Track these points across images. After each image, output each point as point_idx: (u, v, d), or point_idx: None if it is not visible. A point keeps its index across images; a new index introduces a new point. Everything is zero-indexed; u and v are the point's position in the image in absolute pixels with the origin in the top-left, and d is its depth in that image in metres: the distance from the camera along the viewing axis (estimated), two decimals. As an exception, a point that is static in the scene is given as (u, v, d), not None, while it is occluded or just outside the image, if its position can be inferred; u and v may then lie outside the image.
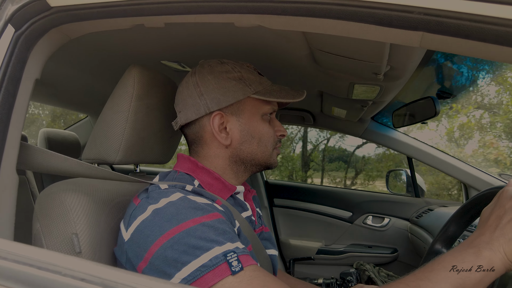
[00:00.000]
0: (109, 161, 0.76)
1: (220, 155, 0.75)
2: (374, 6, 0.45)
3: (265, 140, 0.76)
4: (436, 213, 1.71)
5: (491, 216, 0.55)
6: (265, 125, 0.76)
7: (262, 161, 0.77)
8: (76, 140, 2.02)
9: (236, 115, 0.74)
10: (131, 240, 0.60)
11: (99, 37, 0.97)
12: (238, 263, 0.52)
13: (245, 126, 0.74)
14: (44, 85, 1.57)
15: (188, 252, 0.53)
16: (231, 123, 0.74)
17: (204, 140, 0.76)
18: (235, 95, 0.72)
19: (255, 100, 0.75)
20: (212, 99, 0.72)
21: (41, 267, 0.39)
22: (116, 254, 0.64)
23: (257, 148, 0.75)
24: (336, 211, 2.19)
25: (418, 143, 1.77)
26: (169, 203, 0.59)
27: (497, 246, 0.50)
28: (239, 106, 0.74)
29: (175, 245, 0.54)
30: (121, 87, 0.78)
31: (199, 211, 0.58)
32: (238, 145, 0.74)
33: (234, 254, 0.53)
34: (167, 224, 0.56)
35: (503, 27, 0.41)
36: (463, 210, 0.88)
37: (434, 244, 0.94)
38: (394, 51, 0.82)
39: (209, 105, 0.72)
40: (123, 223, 0.64)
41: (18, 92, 0.58)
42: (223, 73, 0.73)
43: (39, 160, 0.61)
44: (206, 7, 0.53)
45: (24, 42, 0.58)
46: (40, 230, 0.64)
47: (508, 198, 0.54)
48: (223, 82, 0.73)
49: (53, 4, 0.57)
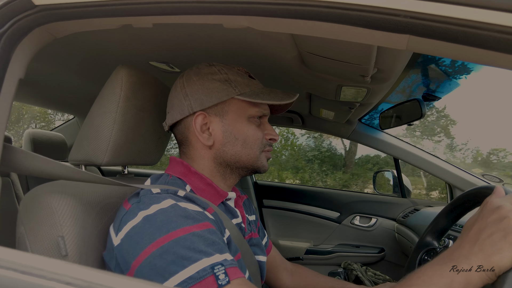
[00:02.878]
0: (96, 162, 0.75)
1: (205, 156, 0.75)
2: (362, 9, 0.46)
3: (250, 142, 0.75)
4: (422, 213, 1.73)
5: (472, 228, 0.54)
6: (251, 127, 0.76)
7: (248, 163, 0.76)
8: (63, 141, 1.98)
9: (220, 116, 0.74)
10: (120, 246, 0.59)
11: (86, 36, 0.96)
12: (225, 276, 0.52)
13: (228, 127, 0.74)
14: (29, 85, 1.54)
15: (176, 262, 0.52)
16: (214, 123, 0.74)
17: (189, 141, 0.76)
18: (219, 96, 0.73)
19: (240, 102, 0.74)
20: (196, 100, 0.73)
21: (25, 271, 0.38)
22: (105, 259, 0.63)
23: (241, 150, 0.75)
24: (324, 211, 2.20)
25: (405, 144, 1.80)
26: (160, 210, 0.59)
27: (475, 261, 0.49)
28: (223, 107, 0.74)
29: (164, 254, 0.53)
30: (108, 87, 0.77)
31: (190, 220, 0.58)
32: (221, 146, 0.74)
33: (222, 266, 0.53)
34: (157, 232, 0.55)
35: (487, 32, 0.42)
36: (451, 207, 0.91)
37: (424, 237, 0.96)
38: (381, 54, 0.83)
39: (193, 105, 0.73)
40: (112, 227, 0.63)
41: (1, 92, 0.56)
42: (209, 74, 0.74)
43: (23, 163, 0.60)
44: (195, 8, 0.53)
45: (6, 41, 0.57)
46: (24, 233, 0.62)
47: (491, 210, 0.54)
48: (207, 83, 0.73)
49: (38, 3, 0.56)
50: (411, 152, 1.77)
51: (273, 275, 0.99)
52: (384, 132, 1.83)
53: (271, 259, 0.98)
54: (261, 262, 0.83)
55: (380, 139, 1.83)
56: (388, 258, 2.00)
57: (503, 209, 0.52)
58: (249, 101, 0.74)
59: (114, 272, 0.60)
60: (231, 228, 0.70)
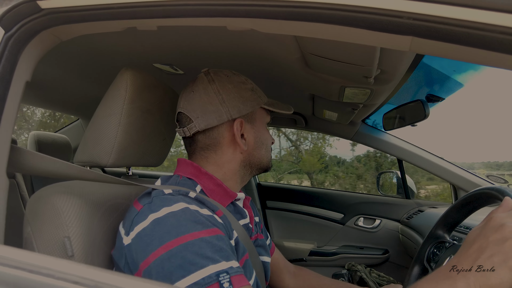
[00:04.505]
0: (101, 164, 0.75)
1: (233, 160, 0.79)
2: (365, 11, 0.46)
3: (269, 146, 0.84)
4: (426, 214, 1.73)
5: (474, 243, 0.53)
6: (268, 133, 0.84)
7: (265, 165, 0.84)
8: (67, 143, 1.99)
9: (251, 123, 0.80)
10: (130, 245, 0.60)
11: (91, 39, 0.97)
12: (229, 285, 0.53)
13: (257, 133, 0.81)
14: (35, 88, 1.56)
15: (183, 267, 0.53)
16: (247, 130, 0.79)
17: (220, 146, 0.77)
18: (252, 105, 0.78)
19: (262, 110, 0.82)
20: (234, 107, 0.76)
21: (33, 271, 0.39)
22: (114, 257, 0.64)
23: (264, 154, 0.82)
24: (328, 212, 2.20)
25: (408, 145, 1.80)
26: (170, 213, 0.60)
27: (473, 281, 0.48)
28: (252, 115, 0.80)
29: (172, 257, 0.54)
30: (113, 90, 0.78)
31: (199, 225, 0.59)
32: (252, 151, 0.80)
33: (227, 275, 0.54)
34: (166, 235, 0.57)
35: (490, 33, 0.42)
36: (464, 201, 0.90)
37: (435, 229, 0.96)
38: (384, 55, 0.84)
39: (231, 112, 0.75)
40: (123, 226, 0.64)
41: (8, 95, 0.57)
42: (241, 83, 0.79)
43: (30, 163, 0.60)
44: (199, 11, 0.53)
45: (14, 44, 0.58)
46: (31, 233, 0.63)
47: (494, 229, 0.52)
48: (242, 92, 0.77)
49: (44, 6, 0.57)
50: (415, 153, 1.77)
51: (276, 277, 1.00)
52: (388, 133, 1.83)
53: (274, 261, 0.99)
54: (266, 263, 0.84)
55: (384, 140, 1.82)
56: (392, 260, 1.99)
57: (506, 229, 0.51)
58: (267, 109, 0.83)
59: (123, 270, 0.61)
60: (239, 229, 0.72)
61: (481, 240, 0.52)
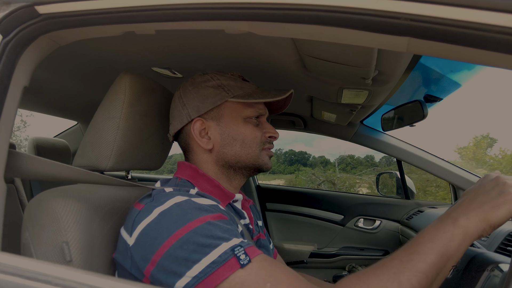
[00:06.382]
0: (100, 168, 0.75)
1: (207, 160, 0.78)
2: (362, 13, 0.46)
3: (248, 141, 0.77)
4: (426, 215, 1.73)
5: (471, 192, 0.59)
6: (248, 127, 0.78)
7: (249, 163, 0.78)
8: (66, 147, 1.99)
9: (217, 120, 0.77)
10: (136, 244, 0.60)
11: (89, 44, 0.97)
12: (245, 256, 0.55)
13: (225, 130, 0.77)
14: (33, 93, 1.56)
15: (198, 251, 0.55)
16: (212, 128, 0.77)
17: (191, 147, 0.80)
18: (213, 101, 0.76)
19: (235, 104, 0.78)
20: (193, 108, 0.76)
21: (30, 277, 0.38)
22: (117, 260, 0.64)
23: (241, 150, 0.77)
24: (328, 214, 2.20)
25: (407, 145, 1.80)
26: (175, 204, 0.61)
27: (473, 216, 0.53)
28: (218, 111, 0.77)
29: (184, 245, 0.55)
30: (112, 94, 0.78)
31: (204, 212, 0.60)
32: (221, 149, 0.77)
33: (241, 248, 0.56)
34: (174, 226, 0.57)
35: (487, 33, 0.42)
36: None
37: None
38: (382, 56, 0.84)
39: (190, 113, 0.77)
40: (124, 229, 0.64)
41: (6, 100, 0.57)
42: (202, 82, 0.78)
43: (29, 167, 0.60)
44: (197, 14, 0.53)
45: (12, 49, 0.58)
46: (29, 239, 0.63)
47: (489, 179, 0.59)
48: (202, 91, 0.77)
49: (42, 11, 0.57)
50: (414, 154, 1.77)
51: None
52: (386, 134, 1.83)
53: None
54: None
55: (382, 141, 1.82)
56: (392, 261, 1.98)
57: (500, 177, 0.58)
58: (243, 102, 0.77)
59: (129, 271, 0.61)
60: (241, 226, 0.73)
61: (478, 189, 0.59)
